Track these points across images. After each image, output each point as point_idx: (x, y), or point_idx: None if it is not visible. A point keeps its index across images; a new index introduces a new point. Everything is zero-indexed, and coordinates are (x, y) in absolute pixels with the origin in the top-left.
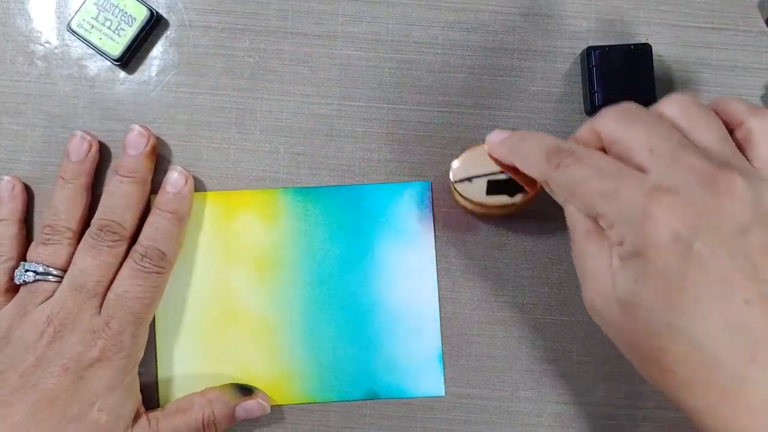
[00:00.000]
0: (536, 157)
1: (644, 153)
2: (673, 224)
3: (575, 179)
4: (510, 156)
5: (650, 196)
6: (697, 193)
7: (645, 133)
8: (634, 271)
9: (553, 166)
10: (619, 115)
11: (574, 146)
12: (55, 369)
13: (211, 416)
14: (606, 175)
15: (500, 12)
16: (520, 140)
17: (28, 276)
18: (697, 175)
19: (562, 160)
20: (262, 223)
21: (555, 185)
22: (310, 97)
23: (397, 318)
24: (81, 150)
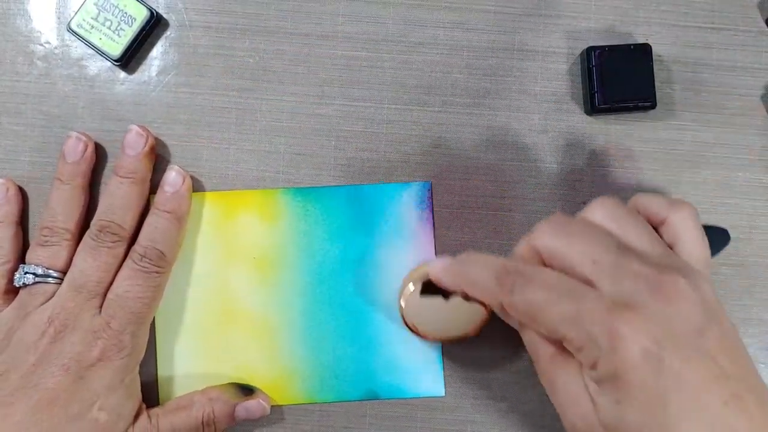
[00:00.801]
0: (485, 282)
1: (588, 265)
2: (641, 341)
3: (532, 304)
4: (458, 284)
5: (612, 315)
6: (651, 303)
7: (584, 245)
8: (614, 394)
9: (506, 291)
10: (553, 228)
11: (521, 266)
12: (55, 369)
13: (211, 415)
14: (562, 295)
15: (500, 12)
16: (464, 266)
17: (28, 278)
18: (645, 283)
19: (514, 284)
20: (262, 223)
21: (512, 311)
22: (310, 97)
23: (397, 318)
24: (77, 151)
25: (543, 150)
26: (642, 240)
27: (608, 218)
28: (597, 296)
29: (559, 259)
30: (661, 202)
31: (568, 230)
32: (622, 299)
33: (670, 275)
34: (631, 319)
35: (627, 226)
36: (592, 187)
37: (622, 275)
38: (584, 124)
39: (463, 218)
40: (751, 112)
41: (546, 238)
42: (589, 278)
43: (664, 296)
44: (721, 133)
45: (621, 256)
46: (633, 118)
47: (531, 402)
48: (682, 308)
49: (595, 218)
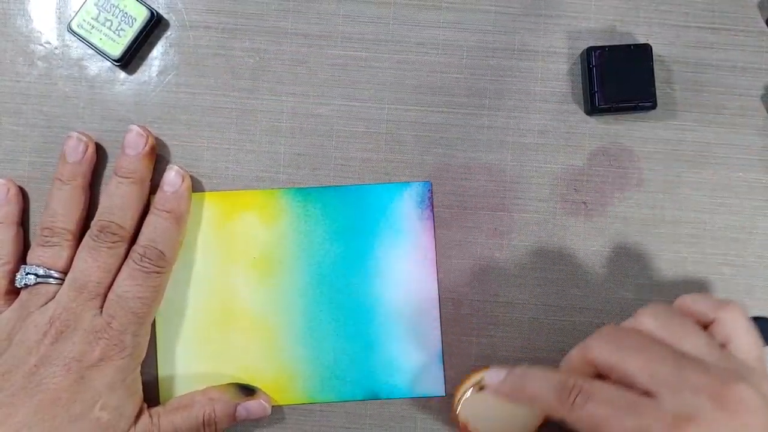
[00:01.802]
0: (546, 397)
1: (646, 378)
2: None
3: (595, 420)
4: (516, 396)
5: (675, 428)
6: (714, 414)
7: (640, 359)
8: None
9: (567, 407)
10: (607, 341)
11: (579, 381)
12: (57, 369)
13: (211, 414)
14: (624, 411)
15: (500, 12)
16: (521, 381)
17: (29, 279)
18: (706, 394)
19: (575, 400)
20: (262, 224)
21: (576, 425)
22: (310, 97)
23: (397, 318)
24: (77, 151)
25: (543, 150)
26: (697, 346)
27: (660, 327)
28: (659, 409)
29: (616, 371)
30: (708, 303)
31: (622, 343)
32: (684, 412)
33: (730, 384)
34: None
35: (680, 333)
36: (592, 187)
37: (683, 387)
38: (584, 124)
39: (463, 218)
40: (751, 112)
41: (601, 351)
42: (649, 390)
43: (727, 408)
44: (721, 133)
45: (679, 368)
46: (633, 118)
47: None
48: (746, 419)
49: (647, 327)
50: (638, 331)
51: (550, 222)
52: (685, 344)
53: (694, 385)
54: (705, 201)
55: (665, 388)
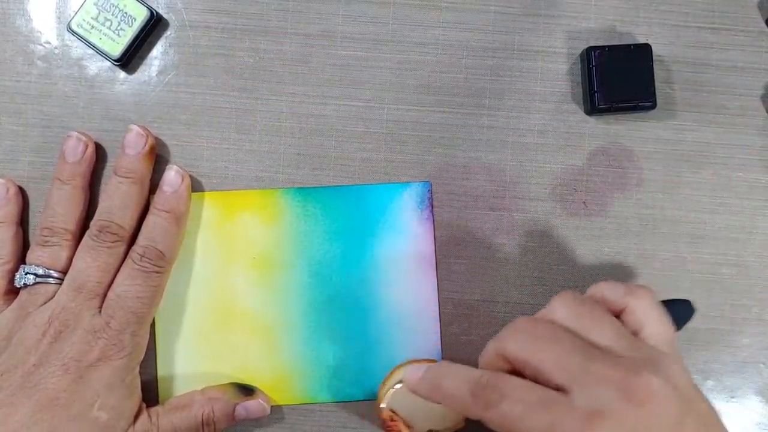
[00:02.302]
0: (461, 397)
1: (557, 373)
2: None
3: (507, 418)
4: (433, 395)
5: (584, 424)
6: (623, 409)
7: (550, 352)
8: None
9: (482, 406)
10: (519, 336)
11: (493, 379)
12: (55, 369)
13: (210, 414)
14: (536, 408)
15: (500, 12)
16: (438, 380)
17: (29, 279)
18: (615, 388)
19: (489, 399)
20: (262, 224)
21: (490, 424)
22: (310, 97)
23: (397, 318)
24: (77, 151)
25: (543, 150)
26: (607, 335)
27: (570, 316)
28: (569, 406)
29: (529, 366)
30: (618, 290)
31: (533, 337)
32: (593, 407)
33: (638, 375)
34: (604, 428)
35: (590, 323)
36: (592, 187)
37: (592, 381)
38: (584, 124)
39: (463, 218)
40: (751, 112)
41: (513, 345)
42: (560, 385)
43: (635, 400)
44: (721, 133)
45: (587, 360)
46: (633, 118)
47: None
48: (655, 409)
49: (557, 317)
50: (550, 323)
51: (550, 222)
52: (595, 334)
53: (603, 378)
54: (705, 201)
55: (575, 383)
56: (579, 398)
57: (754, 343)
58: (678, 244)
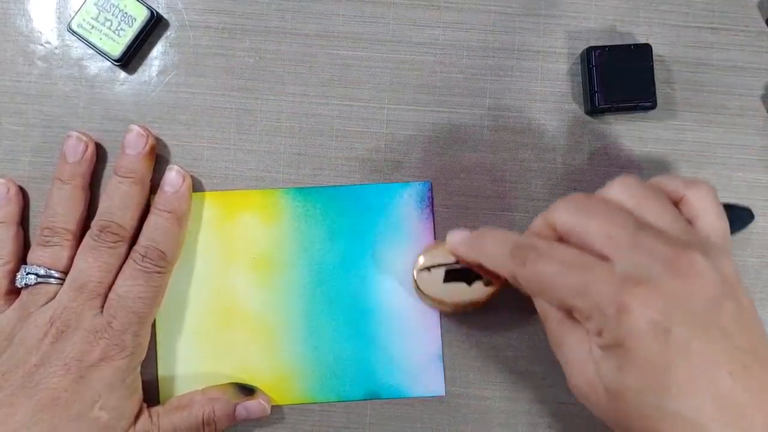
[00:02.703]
0: (500, 255)
1: (603, 241)
2: (649, 314)
3: (543, 276)
4: (473, 255)
5: (621, 288)
6: (664, 279)
7: (600, 222)
8: (617, 360)
9: (519, 264)
10: (571, 205)
11: (535, 241)
12: (57, 369)
13: (211, 414)
14: (573, 268)
15: (500, 12)
16: (480, 239)
17: (30, 279)
18: (660, 260)
19: (527, 257)
20: (262, 224)
21: (524, 282)
22: (310, 97)
23: (398, 318)
24: (77, 151)
25: (543, 150)
26: (661, 217)
27: (627, 196)
28: (608, 270)
29: (575, 234)
30: (676, 181)
31: (585, 207)
32: (634, 274)
33: (686, 252)
34: (640, 293)
35: (646, 204)
36: (592, 187)
37: (638, 251)
38: (584, 124)
39: (463, 218)
40: (751, 112)
41: (562, 213)
42: (604, 254)
43: (678, 272)
44: (721, 133)
45: (637, 233)
46: (633, 118)
47: (531, 402)
48: (696, 284)
49: (614, 196)
50: (604, 198)
51: None
52: (651, 215)
53: (649, 250)
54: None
55: (620, 252)
56: (620, 265)
57: None
58: None
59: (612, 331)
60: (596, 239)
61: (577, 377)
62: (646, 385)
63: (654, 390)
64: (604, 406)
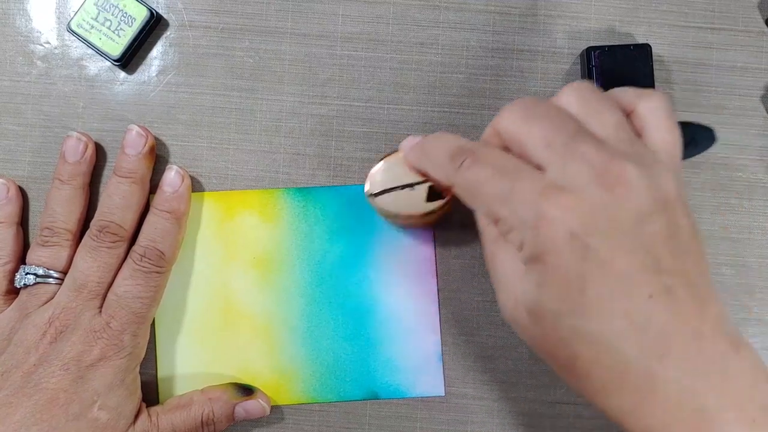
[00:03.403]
0: (441, 158)
1: (541, 148)
2: (568, 223)
3: (475, 180)
4: (420, 161)
5: (543, 196)
6: (591, 188)
7: (541, 127)
8: (536, 277)
9: (455, 167)
10: (516, 110)
11: (475, 146)
12: (55, 369)
13: (210, 414)
14: (503, 175)
15: (500, 12)
16: (427, 143)
17: (29, 279)
18: (591, 168)
19: (464, 161)
20: (262, 223)
21: (458, 188)
22: (310, 97)
23: (397, 318)
24: (77, 151)
25: None
26: (605, 125)
27: (576, 100)
28: (535, 177)
29: (516, 142)
30: (629, 92)
31: (530, 112)
32: (559, 182)
33: (620, 162)
34: (561, 202)
35: (593, 111)
36: None
37: (570, 159)
38: None
39: (463, 218)
40: (751, 112)
41: (507, 119)
42: (540, 163)
43: (606, 182)
44: (721, 133)
45: (574, 140)
46: None
47: (531, 402)
48: (624, 196)
49: (563, 101)
50: (551, 104)
51: None
52: (594, 123)
53: (582, 157)
54: (705, 201)
55: (554, 160)
56: (551, 173)
57: (754, 343)
58: None
59: (531, 243)
60: (534, 146)
61: (503, 297)
62: (563, 304)
63: (570, 310)
64: (527, 329)
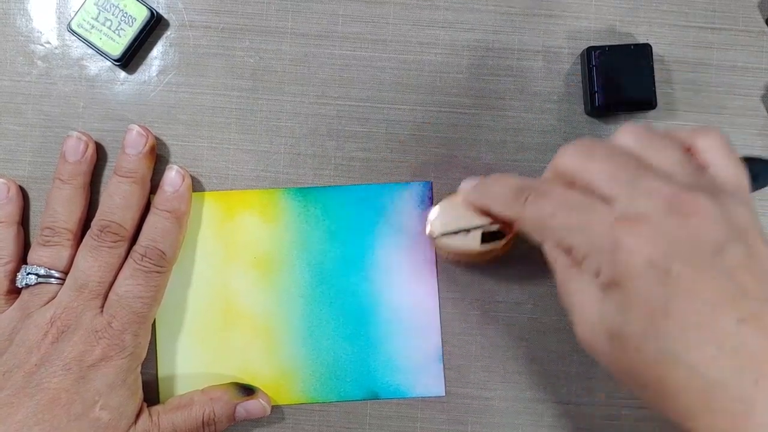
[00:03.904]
0: (505, 196)
1: (605, 183)
2: (646, 251)
3: (543, 214)
4: (482, 200)
5: (618, 225)
6: (665, 218)
7: (603, 164)
8: (616, 302)
9: (521, 203)
10: (577, 150)
11: (537, 183)
12: (57, 369)
13: (211, 414)
14: (572, 207)
15: (500, 12)
16: (489, 183)
17: (30, 279)
18: (662, 199)
19: (528, 197)
20: (262, 223)
21: (525, 222)
22: (310, 97)
23: (397, 318)
24: (78, 151)
25: (543, 150)
26: (668, 161)
27: (633, 140)
28: (607, 209)
29: (579, 178)
30: (685, 130)
31: (590, 151)
32: (632, 212)
33: (691, 193)
34: (637, 231)
35: (654, 148)
36: None
37: (639, 192)
38: (584, 124)
39: None
40: (751, 112)
41: (568, 158)
42: (606, 196)
43: (680, 212)
44: None
45: (639, 174)
46: (633, 118)
47: (531, 402)
48: (699, 224)
49: (622, 141)
50: (609, 142)
51: None
52: (656, 158)
53: (652, 189)
54: None
55: (622, 193)
56: (620, 205)
57: None
58: None
59: (609, 268)
60: (598, 181)
61: (582, 324)
62: (647, 328)
63: (655, 334)
64: (609, 354)
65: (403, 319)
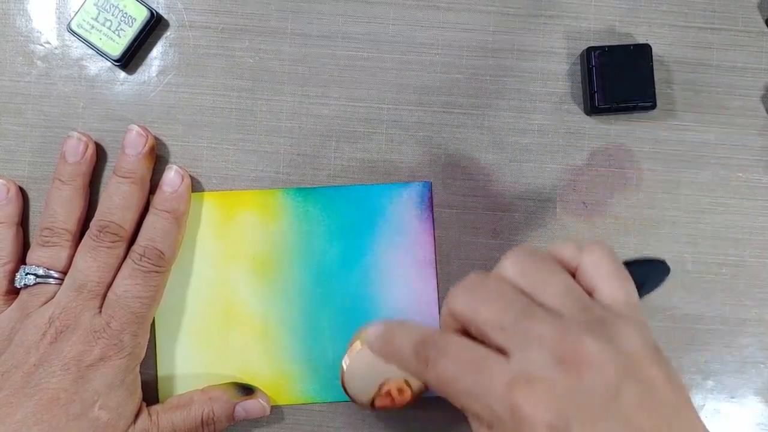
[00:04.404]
0: (407, 354)
1: (497, 332)
2: (545, 417)
3: (445, 377)
4: (386, 353)
5: (512, 389)
6: (556, 373)
7: (489, 309)
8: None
9: (423, 365)
10: (463, 291)
11: (436, 337)
12: (56, 369)
13: (210, 414)
14: (468, 368)
15: (500, 12)
16: (389, 335)
17: (29, 279)
18: (550, 351)
19: (429, 356)
20: (262, 224)
21: (431, 386)
22: (310, 97)
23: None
24: (78, 151)
25: (543, 150)
26: (552, 293)
27: (519, 273)
28: (499, 368)
29: (472, 325)
30: (573, 247)
31: (476, 295)
32: (525, 371)
33: (575, 337)
34: (532, 395)
35: (539, 281)
36: (592, 187)
37: (528, 343)
38: (584, 124)
39: (463, 218)
40: (751, 112)
41: (459, 302)
42: (500, 346)
43: (568, 364)
44: (721, 133)
45: (522, 319)
46: (633, 118)
47: None
48: (589, 375)
49: (507, 273)
50: (499, 279)
51: (550, 222)
52: (541, 291)
53: (538, 340)
54: (705, 201)
55: (513, 344)
56: (514, 360)
57: (754, 343)
58: (678, 244)
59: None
60: (489, 331)
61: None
62: None
63: None
64: None
65: (402, 319)
